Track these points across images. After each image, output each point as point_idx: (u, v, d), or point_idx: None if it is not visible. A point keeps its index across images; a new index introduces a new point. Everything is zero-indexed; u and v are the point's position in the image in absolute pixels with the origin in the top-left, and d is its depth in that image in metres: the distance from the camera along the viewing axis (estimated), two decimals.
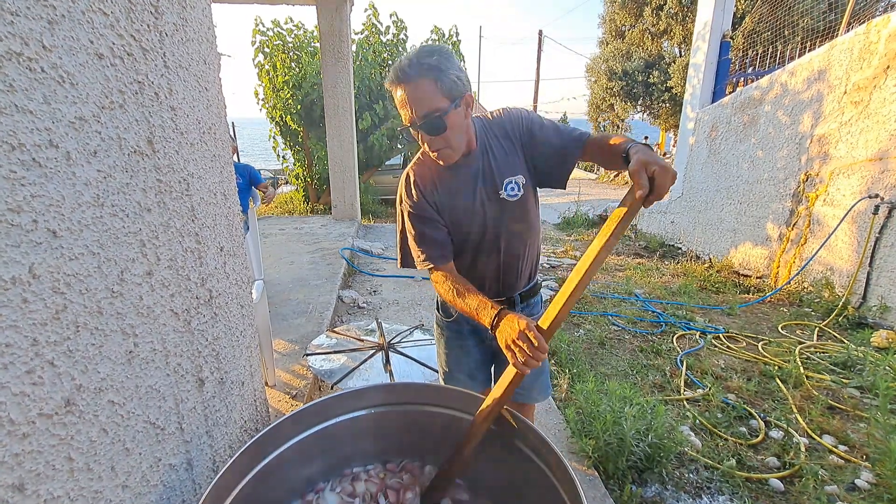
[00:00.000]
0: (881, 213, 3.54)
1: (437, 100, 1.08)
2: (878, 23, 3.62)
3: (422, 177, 1.25)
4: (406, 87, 1.07)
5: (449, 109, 1.09)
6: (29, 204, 0.54)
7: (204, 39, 1.01)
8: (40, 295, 0.56)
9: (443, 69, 1.08)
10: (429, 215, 1.23)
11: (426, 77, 1.07)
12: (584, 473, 1.93)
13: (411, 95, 1.08)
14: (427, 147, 1.16)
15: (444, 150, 1.15)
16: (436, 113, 1.08)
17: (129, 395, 0.73)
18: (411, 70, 1.06)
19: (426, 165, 1.26)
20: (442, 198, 1.24)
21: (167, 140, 0.83)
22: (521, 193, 1.25)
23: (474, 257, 1.31)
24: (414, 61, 1.06)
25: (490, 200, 1.24)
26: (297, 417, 1.01)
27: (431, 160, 1.24)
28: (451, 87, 1.09)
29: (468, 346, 1.45)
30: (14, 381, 0.53)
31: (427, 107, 1.08)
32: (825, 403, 2.52)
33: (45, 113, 0.57)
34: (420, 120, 1.09)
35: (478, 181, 1.24)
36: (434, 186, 1.24)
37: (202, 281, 0.95)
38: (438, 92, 1.08)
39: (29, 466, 0.55)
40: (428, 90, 1.07)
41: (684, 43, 14.29)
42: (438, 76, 1.07)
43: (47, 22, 0.57)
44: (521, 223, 1.29)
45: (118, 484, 0.71)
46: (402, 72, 1.07)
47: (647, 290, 4.57)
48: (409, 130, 1.15)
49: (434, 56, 1.07)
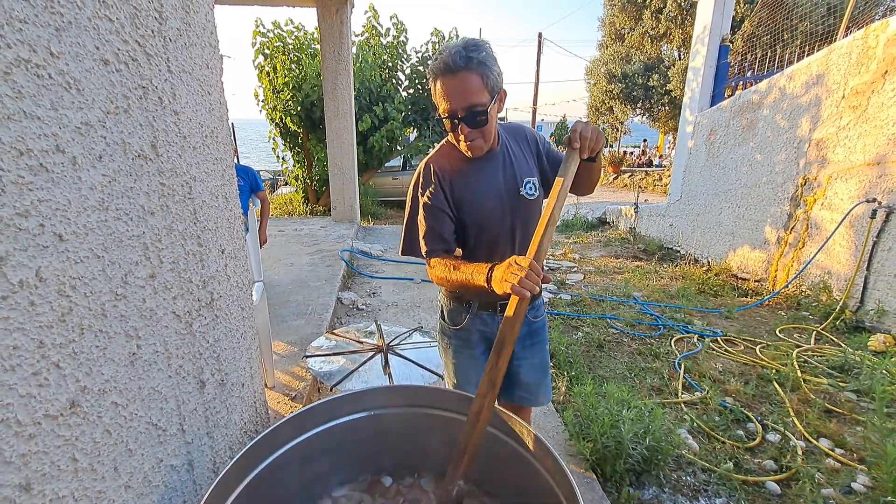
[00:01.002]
0: (879, 218, 3.56)
1: (482, 94, 1.12)
2: (876, 27, 3.64)
3: (442, 168, 1.27)
4: (453, 78, 1.10)
5: (490, 104, 1.14)
6: (36, 208, 0.55)
7: (207, 44, 1.02)
8: (46, 298, 0.57)
9: (489, 65, 1.11)
10: (442, 207, 1.25)
11: (474, 71, 1.10)
12: (581, 476, 1.94)
13: (458, 87, 1.10)
14: (462, 138, 1.18)
15: (478, 141, 1.19)
16: (479, 107, 1.12)
17: (132, 396, 0.74)
18: (461, 62, 1.08)
19: (447, 158, 1.28)
20: (462, 191, 1.26)
21: (170, 144, 0.84)
22: (537, 194, 1.31)
23: (490, 252, 1.32)
24: (463, 54, 1.09)
25: (510, 197, 1.28)
26: (297, 420, 1.02)
27: (452, 152, 1.28)
28: (493, 83, 1.13)
29: (476, 354, 1.44)
30: (21, 382, 0.54)
31: (472, 100, 1.11)
32: (822, 407, 2.53)
33: (52, 119, 0.58)
34: (463, 112, 1.13)
35: (499, 177, 1.28)
36: (454, 178, 1.26)
37: (204, 283, 0.96)
38: (483, 87, 1.11)
39: (35, 466, 0.56)
40: (475, 84, 1.10)
41: (683, 46, 14.35)
42: (485, 71, 1.11)
43: (55, 29, 0.58)
44: (532, 224, 1.32)
45: (121, 484, 0.71)
46: (452, 62, 1.09)
47: (646, 293, 4.58)
48: (443, 120, 1.18)
49: (482, 51, 1.10)
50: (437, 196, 1.25)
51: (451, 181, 1.26)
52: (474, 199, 1.26)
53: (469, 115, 1.13)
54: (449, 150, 1.28)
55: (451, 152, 1.28)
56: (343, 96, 6.31)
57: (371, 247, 5.90)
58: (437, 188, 1.25)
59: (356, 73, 7.87)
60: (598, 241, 7.19)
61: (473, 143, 1.19)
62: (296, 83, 8.40)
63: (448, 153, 1.28)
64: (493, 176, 1.27)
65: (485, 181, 1.26)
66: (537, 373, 1.46)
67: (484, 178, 1.27)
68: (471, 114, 1.12)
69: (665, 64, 15.55)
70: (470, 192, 1.26)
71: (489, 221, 1.28)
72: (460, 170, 1.26)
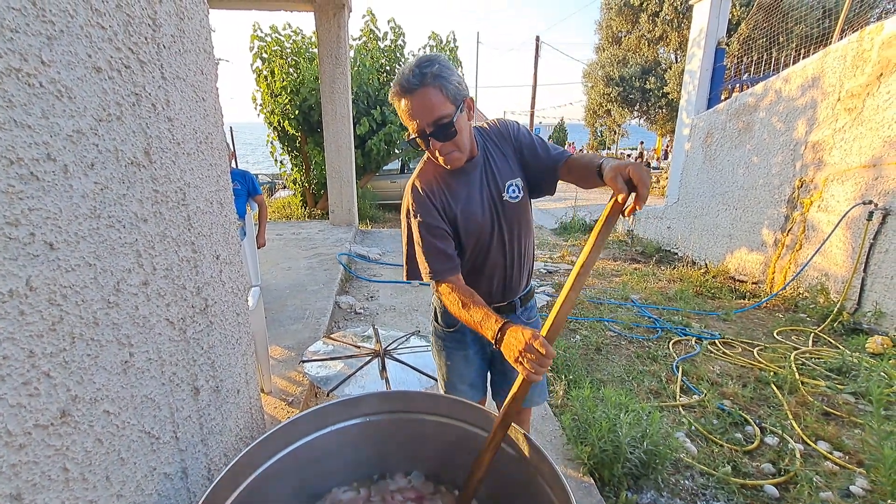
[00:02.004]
0: (875, 220, 3.57)
1: (444, 106, 1.11)
2: (871, 30, 3.67)
3: (428, 185, 1.26)
4: (412, 97, 1.10)
5: (456, 114, 1.13)
6: (27, 217, 0.55)
7: (201, 50, 1.02)
8: (37, 307, 0.57)
9: (445, 76, 1.11)
10: (437, 224, 1.24)
11: (431, 85, 1.09)
12: (579, 480, 1.94)
13: (419, 105, 1.10)
14: (437, 153, 1.18)
15: (453, 153, 1.18)
16: (444, 119, 1.12)
17: (125, 404, 0.73)
18: (415, 80, 1.09)
19: (431, 174, 1.28)
20: (451, 205, 1.26)
21: (164, 151, 0.84)
22: (521, 195, 1.30)
23: (483, 261, 1.33)
24: (416, 71, 1.09)
25: (495, 203, 1.28)
26: (293, 426, 1.01)
27: (435, 169, 1.27)
28: (454, 93, 1.13)
29: (470, 355, 1.46)
30: (11, 392, 0.54)
31: (436, 114, 1.11)
32: (820, 409, 2.53)
33: (44, 127, 0.58)
34: (430, 127, 1.12)
35: (482, 185, 1.28)
36: (442, 194, 1.26)
37: (198, 290, 0.96)
38: (445, 98, 1.11)
39: (25, 477, 0.56)
40: (435, 98, 1.10)
41: (680, 49, 14.42)
42: (442, 83, 1.10)
43: (46, 38, 0.58)
44: (522, 224, 1.33)
45: (113, 493, 0.71)
46: (406, 83, 1.09)
47: (644, 295, 4.58)
48: (415, 140, 1.17)
49: (434, 65, 1.10)
50: (431, 214, 1.24)
51: (440, 197, 1.25)
52: (463, 212, 1.26)
53: (437, 129, 1.12)
54: (432, 167, 1.28)
55: (434, 168, 1.27)
56: (341, 100, 6.32)
57: (369, 250, 5.90)
58: (428, 206, 1.24)
59: (354, 76, 7.89)
60: None
61: (450, 155, 1.18)
62: (294, 87, 8.41)
63: (431, 170, 1.28)
64: (478, 184, 1.27)
65: (471, 191, 1.26)
66: None
67: (469, 189, 1.26)
68: (439, 127, 1.12)
69: (662, 67, 15.62)
70: (459, 205, 1.26)
71: (480, 230, 1.28)
72: (446, 184, 1.26)
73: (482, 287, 1.34)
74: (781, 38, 6.56)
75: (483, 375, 1.52)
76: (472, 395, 1.46)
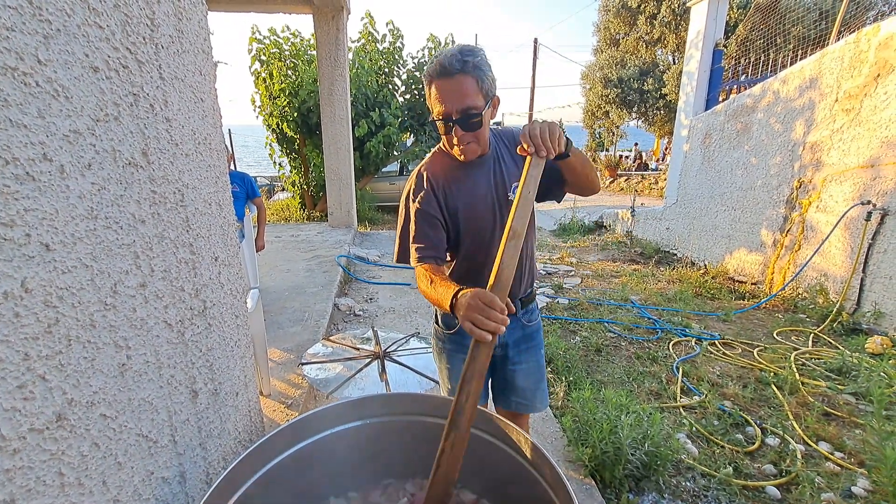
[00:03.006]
0: (873, 220, 3.57)
1: (477, 98, 1.13)
2: (868, 32, 3.68)
3: (435, 175, 1.27)
4: (449, 81, 1.11)
5: (485, 108, 1.15)
6: (22, 218, 0.54)
7: (199, 50, 1.01)
8: (32, 309, 0.56)
9: (483, 69, 1.12)
10: (435, 214, 1.25)
11: (470, 74, 1.11)
12: (580, 482, 1.93)
13: (453, 90, 1.11)
14: (456, 141, 1.19)
15: (472, 144, 1.20)
16: (474, 110, 1.13)
17: (122, 408, 0.72)
18: (457, 65, 1.09)
19: (439, 165, 1.28)
20: (455, 198, 1.26)
21: (162, 151, 0.83)
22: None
23: (483, 259, 1.32)
24: (459, 58, 1.10)
25: (499, 202, 1.29)
26: (292, 429, 1.00)
27: (444, 160, 1.28)
28: (488, 88, 1.15)
29: None
30: (5, 396, 0.53)
31: (467, 103, 1.12)
32: (821, 410, 2.53)
33: (40, 127, 0.57)
34: (458, 114, 1.13)
35: (490, 182, 1.28)
36: (447, 185, 1.26)
37: (196, 292, 0.95)
38: (478, 90, 1.13)
39: (20, 482, 0.55)
40: (470, 88, 1.11)
41: (678, 51, 14.46)
42: (480, 75, 1.12)
43: (43, 37, 0.57)
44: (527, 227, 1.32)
45: (110, 498, 0.70)
46: (448, 65, 1.10)
47: (643, 296, 4.58)
48: (436, 123, 1.18)
49: (477, 56, 1.12)
50: (430, 202, 1.25)
51: (444, 188, 1.26)
52: (466, 205, 1.26)
53: (464, 117, 1.13)
54: (441, 158, 1.29)
55: (444, 159, 1.28)
56: (339, 102, 6.32)
57: (368, 252, 5.89)
58: (429, 195, 1.25)
59: (352, 78, 7.90)
60: (595, 245, 7.20)
61: (467, 146, 1.19)
62: (292, 89, 8.41)
63: (440, 160, 1.29)
64: (484, 182, 1.28)
65: (476, 187, 1.27)
66: (533, 377, 1.45)
67: (475, 185, 1.27)
68: (465, 116, 1.13)
69: (660, 68, 15.66)
70: (462, 199, 1.26)
71: (481, 227, 1.28)
72: (453, 177, 1.27)
73: (481, 286, 1.34)
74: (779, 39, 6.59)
75: (484, 380, 1.51)
76: None
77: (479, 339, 0.89)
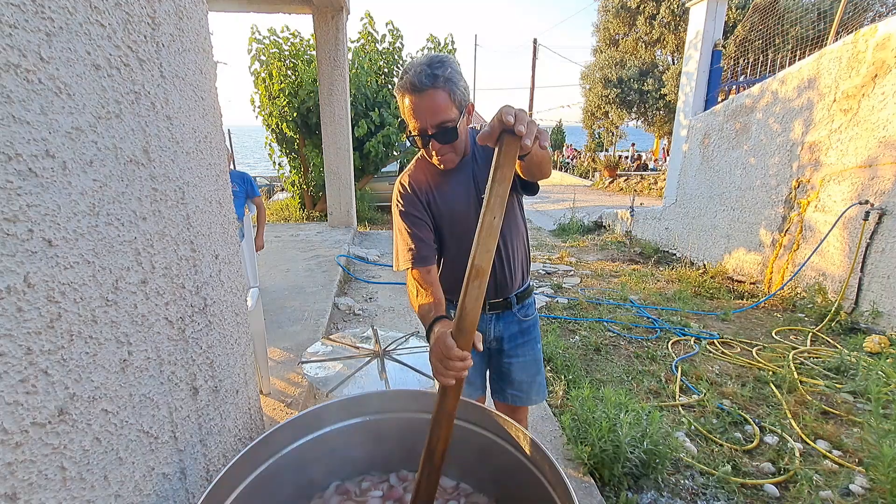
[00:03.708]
0: (871, 220, 3.58)
1: (450, 111, 1.12)
2: (865, 32, 3.69)
3: (416, 181, 1.30)
4: (420, 97, 1.10)
5: (459, 119, 1.14)
6: (25, 213, 0.55)
7: (200, 49, 1.02)
8: (35, 304, 0.56)
9: (454, 80, 1.11)
10: (419, 215, 1.27)
11: (441, 88, 1.10)
12: (579, 480, 1.93)
13: (425, 105, 1.11)
14: (434, 153, 1.20)
15: (449, 154, 1.20)
16: (448, 123, 1.13)
17: (123, 403, 0.73)
18: (427, 80, 1.08)
19: (422, 171, 1.31)
20: (438, 203, 1.28)
21: (163, 149, 0.84)
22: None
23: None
24: (428, 72, 1.09)
25: (479, 205, 1.27)
26: (292, 426, 1.01)
27: (426, 167, 1.30)
28: (461, 98, 1.14)
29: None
30: (8, 390, 0.53)
31: (441, 117, 1.12)
32: (819, 408, 2.54)
33: (42, 123, 0.57)
34: (433, 129, 1.13)
35: (470, 185, 1.29)
36: (430, 190, 1.29)
37: (197, 289, 0.95)
38: (451, 103, 1.12)
39: (22, 476, 0.55)
40: (442, 102, 1.11)
41: (677, 51, 14.48)
42: (452, 88, 1.11)
43: (45, 34, 0.58)
44: (508, 227, 1.33)
45: (111, 493, 0.70)
46: (417, 82, 1.09)
47: (643, 296, 4.59)
48: (413, 138, 1.18)
49: (447, 68, 1.10)
50: (415, 205, 1.28)
51: (427, 194, 1.28)
52: (449, 209, 1.29)
53: (440, 131, 1.14)
54: (424, 165, 1.31)
55: (426, 167, 1.30)
56: (339, 102, 6.32)
57: (367, 252, 5.89)
58: (413, 199, 1.28)
59: (352, 79, 7.90)
60: (594, 245, 7.20)
61: (445, 157, 1.21)
62: (292, 89, 8.41)
63: (423, 167, 1.31)
64: (465, 185, 1.29)
65: (457, 191, 1.29)
66: (529, 371, 1.47)
67: (456, 189, 1.29)
68: (441, 130, 1.13)
69: (659, 69, 15.68)
70: (445, 203, 1.28)
71: (465, 230, 1.28)
72: (436, 183, 1.29)
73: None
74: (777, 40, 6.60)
75: (482, 374, 1.52)
76: (470, 393, 1.46)
77: (441, 384, 0.88)
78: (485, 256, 0.81)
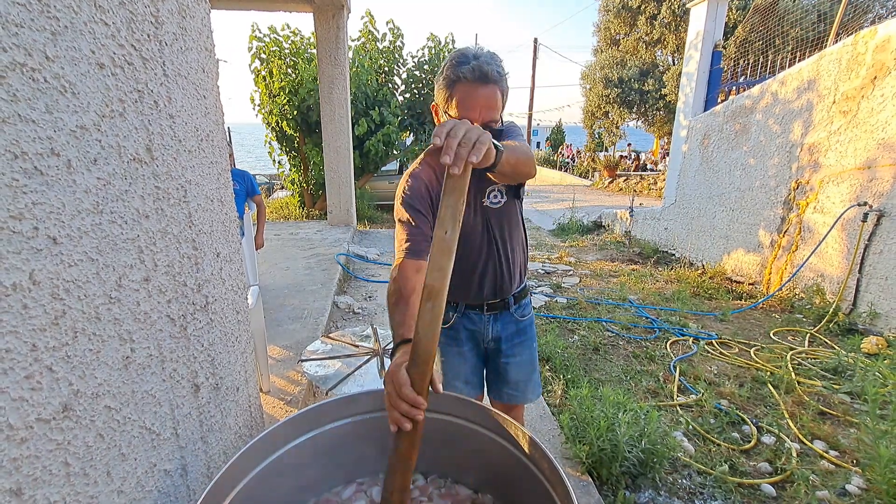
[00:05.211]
0: (870, 221, 3.59)
1: (498, 111, 1.11)
2: (865, 34, 3.70)
3: (427, 177, 1.27)
4: (484, 88, 1.06)
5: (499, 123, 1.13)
6: (30, 211, 0.55)
7: (203, 48, 1.02)
8: (40, 301, 0.57)
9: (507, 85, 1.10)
10: (421, 208, 1.24)
11: (500, 87, 1.08)
12: (578, 479, 1.94)
13: (485, 99, 1.07)
14: None
15: None
16: (493, 123, 1.10)
17: (126, 400, 0.73)
18: (495, 76, 1.05)
19: (431, 169, 1.28)
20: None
21: (165, 147, 0.84)
22: (503, 200, 1.30)
23: (475, 261, 1.34)
24: (495, 67, 1.05)
25: (478, 208, 1.29)
26: (292, 423, 1.01)
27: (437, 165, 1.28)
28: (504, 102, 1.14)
29: (465, 351, 1.47)
30: (13, 386, 0.54)
31: (492, 115, 1.10)
32: (816, 409, 2.55)
33: (48, 122, 0.58)
34: (481, 124, 1.09)
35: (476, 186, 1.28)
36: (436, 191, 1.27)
37: (199, 287, 0.96)
38: (501, 104, 1.11)
39: (27, 471, 0.56)
40: (498, 100, 1.09)
41: (678, 52, 14.48)
42: (505, 88, 1.09)
43: (50, 33, 0.58)
44: (508, 227, 1.34)
45: (114, 489, 0.71)
46: (488, 73, 1.04)
47: (641, 296, 4.60)
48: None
49: (504, 68, 1.08)
50: (422, 202, 1.25)
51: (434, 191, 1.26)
52: None
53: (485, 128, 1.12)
54: (434, 163, 1.28)
55: (436, 164, 1.28)
56: (339, 101, 6.32)
57: (367, 251, 5.90)
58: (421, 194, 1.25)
59: (352, 77, 7.90)
60: (593, 245, 7.21)
61: None
62: (292, 87, 8.41)
63: (433, 165, 1.28)
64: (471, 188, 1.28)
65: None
66: (525, 370, 1.48)
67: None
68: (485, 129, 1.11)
69: (660, 69, 15.69)
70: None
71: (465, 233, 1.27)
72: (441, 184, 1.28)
73: (474, 286, 1.37)
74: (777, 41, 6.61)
75: (479, 372, 1.53)
76: (468, 392, 1.47)
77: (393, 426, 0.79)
78: (437, 275, 0.73)
